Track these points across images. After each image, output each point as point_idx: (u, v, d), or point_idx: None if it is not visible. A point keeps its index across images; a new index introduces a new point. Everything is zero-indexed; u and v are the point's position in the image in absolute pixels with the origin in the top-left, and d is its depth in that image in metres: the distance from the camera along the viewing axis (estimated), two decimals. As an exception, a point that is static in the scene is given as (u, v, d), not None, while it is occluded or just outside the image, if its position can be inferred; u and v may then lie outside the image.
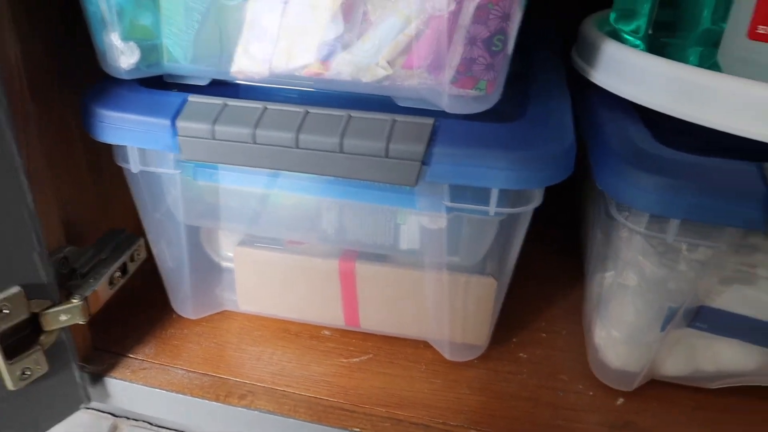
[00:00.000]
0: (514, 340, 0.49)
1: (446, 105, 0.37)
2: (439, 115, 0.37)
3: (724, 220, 0.34)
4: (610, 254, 0.41)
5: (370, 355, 0.47)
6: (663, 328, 0.41)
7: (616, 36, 0.45)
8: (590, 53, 0.44)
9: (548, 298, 0.53)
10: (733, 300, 0.40)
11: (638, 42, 0.45)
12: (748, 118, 0.35)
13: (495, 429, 0.42)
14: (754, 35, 0.38)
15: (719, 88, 0.36)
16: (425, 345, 0.48)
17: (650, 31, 0.46)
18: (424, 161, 0.36)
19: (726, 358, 0.43)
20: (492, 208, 0.37)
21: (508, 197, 0.38)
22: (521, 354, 0.48)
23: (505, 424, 0.43)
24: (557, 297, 0.53)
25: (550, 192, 0.38)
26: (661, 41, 0.47)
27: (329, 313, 0.48)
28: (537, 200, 0.39)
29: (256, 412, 0.44)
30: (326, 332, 0.50)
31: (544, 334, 0.50)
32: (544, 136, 0.36)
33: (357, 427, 0.43)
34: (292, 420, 0.43)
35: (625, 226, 0.38)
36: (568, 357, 0.47)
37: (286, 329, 0.50)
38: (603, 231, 0.42)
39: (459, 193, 0.38)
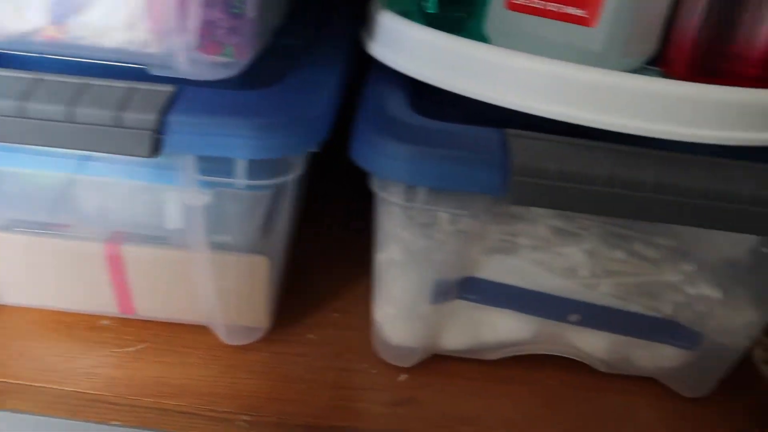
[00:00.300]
0: (305, 321, 0.47)
1: (190, 71, 0.34)
2: (190, 83, 0.34)
3: (467, 186, 0.33)
4: (378, 230, 0.39)
5: (147, 344, 0.44)
6: (433, 301, 0.40)
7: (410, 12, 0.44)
8: (371, 26, 0.43)
9: (347, 277, 0.52)
10: (497, 270, 0.39)
11: (422, 16, 0.44)
12: (503, 87, 0.34)
13: (267, 413, 0.40)
14: (512, 6, 0.38)
15: (474, 58, 0.35)
16: (206, 330, 0.45)
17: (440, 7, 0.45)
18: (159, 130, 0.32)
19: (503, 328, 0.43)
20: (240, 180, 0.35)
21: (262, 168, 0.36)
22: (310, 335, 0.46)
23: (279, 408, 0.40)
24: (356, 276, 0.52)
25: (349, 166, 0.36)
26: (455, 16, 0.46)
27: (101, 301, 0.44)
28: (296, 170, 0.37)
29: (5, 413, 0.39)
30: (105, 322, 0.46)
31: (337, 314, 0.48)
32: (294, 103, 0.34)
33: (117, 420, 0.39)
34: (44, 418, 0.39)
35: (383, 199, 0.36)
36: (358, 336, 0.46)
37: (60, 321, 0.46)
38: (375, 208, 0.41)
39: (208, 165, 0.35)
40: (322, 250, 0.55)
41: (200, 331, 0.45)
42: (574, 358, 0.45)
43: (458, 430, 0.40)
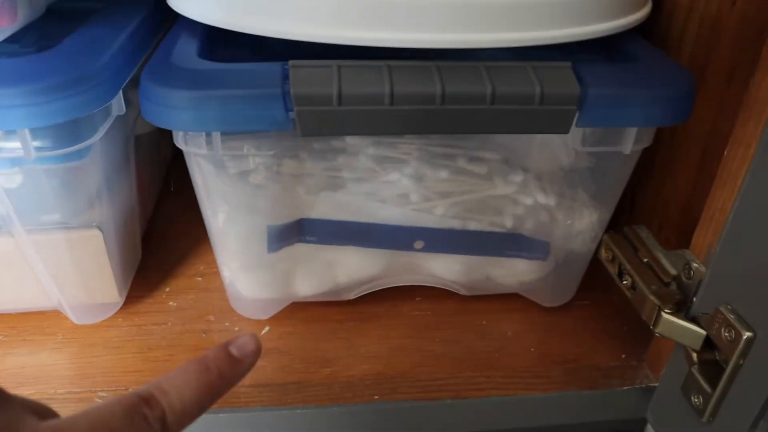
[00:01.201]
0: (167, 289, 0.46)
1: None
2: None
3: (254, 125, 0.32)
4: (196, 185, 0.38)
5: (1, 337, 0.42)
6: (271, 249, 0.39)
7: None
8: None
9: (206, 242, 0.50)
10: (329, 207, 0.38)
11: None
12: (284, 18, 0.33)
13: (125, 385, 0.39)
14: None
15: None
16: (60, 314, 0.43)
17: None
18: (-76, 110, 0.30)
19: (352, 265, 0.42)
20: (33, 152, 0.33)
21: (56, 136, 0.34)
22: (171, 302, 0.45)
23: (137, 379, 0.39)
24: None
25: None
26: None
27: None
28: (97, 133, 0.35)
29: None
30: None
31: (200, 278, 0.47)
32: (73, 62, 0.32)
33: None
34: None
35: (190, 153, 0.35)
36: (220, 297, 0.45)
37: None
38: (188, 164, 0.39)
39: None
40: (179, 213, 0.53)
41: (55, 316, 0.43)
42: (436, 285, 0.44)
43: (318, 372, 0.40)
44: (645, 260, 0.38)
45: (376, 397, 0.38)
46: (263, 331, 0.42)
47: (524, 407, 0.39)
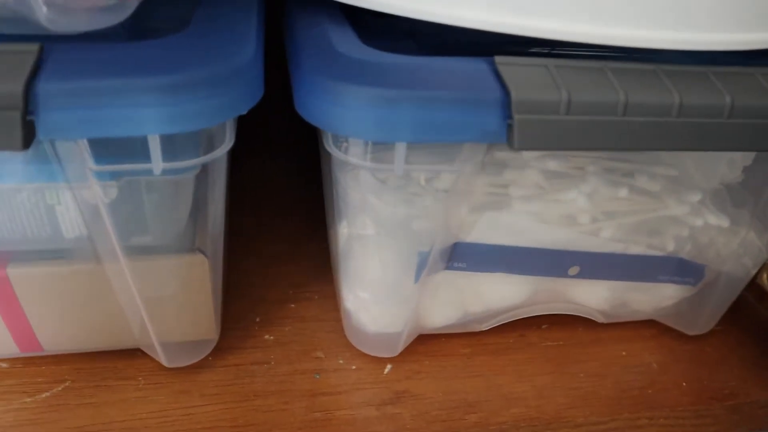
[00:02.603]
0: (257, 320, 0.38)
1: (59, 21, 0.23)
2: (61, 38, 0.23)
3: (461, 136, 0.25)
4: (339, 200, 0.30)
5: (67, 383, 0.33)
6: (417, 278, 0.32)
7: None
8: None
9: (293, 260, 0.43)
10: (489, 230, 0.32)
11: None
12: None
13: (236, 445, 0.31)
14: None
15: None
16: (142, 354, 0.34)
17: None
18: (28, 109, 0.22)
19: (493, 295, 0.35)
20: (157, 164, 0.25)
21: (181, 143, 0.26)
22: (267, 336, 0.37)
23: (250, 436, 0.31)
24: (302, 259, 0.43)
25: (278, 133, 0.26)
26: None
27: (-7, 341, 0.33)
28: (227, 141, 0.27)
29: None
30: (2, 365, 0.34)
31: (293, 305, 0.39)
32: (213, 52, 0.24)
33: (41, 495, 0.29)
34: None
35: (345, 162, 0.27)
36: (324, 327, 0.37)
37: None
38: (329, 172, 0.32)
39: (107, 149, 0.25)
40: (257, 231, 0.45)
41: (134, 356, 0.34)
42: (571, 313, 0.38)
43: (463, 420, 0.33)
44: (826, 288, 0.33)
45: (539, 448, 0.32)
46: (386, 370, 0.35)
47: (702, 455, 0.34)
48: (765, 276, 0.36)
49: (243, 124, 0.53)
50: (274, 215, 0.47)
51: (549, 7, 0.26)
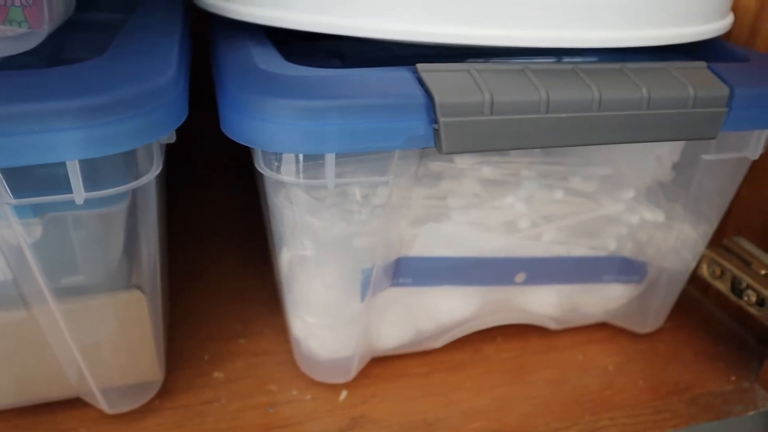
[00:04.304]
0: (205, 357, 0.36)
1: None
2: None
3: (387, 143, 0.24)
4: (276, 222, 0.29)
5: (0, 443, 0.31)
6: (363, 297, 0.31)
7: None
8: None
9: (241, 293, 0.41)
10: (429, 242, 0.31)
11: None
12: (383, 13, 0.26)
13: (187, 491, 0.29)
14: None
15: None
16: (81, 403, 0.32)
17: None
18: (-68, 141, 0.20)
19: (443, 309, 0.35)
20: (79, 193, 0.24)
21: (104, 170, 0.25)
22: (217, 374, 0.35)
23: (201, 479, 0.30)
24: (249, 292, 0.41)
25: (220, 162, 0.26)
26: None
27: None
28: (154, 168, 0.26)
29: None
30: (-71, 429, 0.32)
31: (243, 339, 0.37)
32: (129, 75, 0.23)
33: None
34: None
35: (278, 181, 0.27)
36: (275, 360, 0.36)
37: None
38: (264, 195, 0.31)
39: (24, 181, 0.24)
40: (202, 265, 0.44)
41: (74, 405, 0.32)
42: (523, 322, 0.38)
43: (423, 440, 0.32)
44: (762, 273, 0.34)
45: (502, 461, 0.31)
46: (341, 397, 0.34)
47: (664, 450, 0.33)
48: (705, 267, 0.36)
49: (183, 155, 0.52)
50: (218, 248, 0.46)
51: (465, 12, 0.26)
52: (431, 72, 0.25)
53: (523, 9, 0.26)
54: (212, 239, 0.47)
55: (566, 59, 0.33)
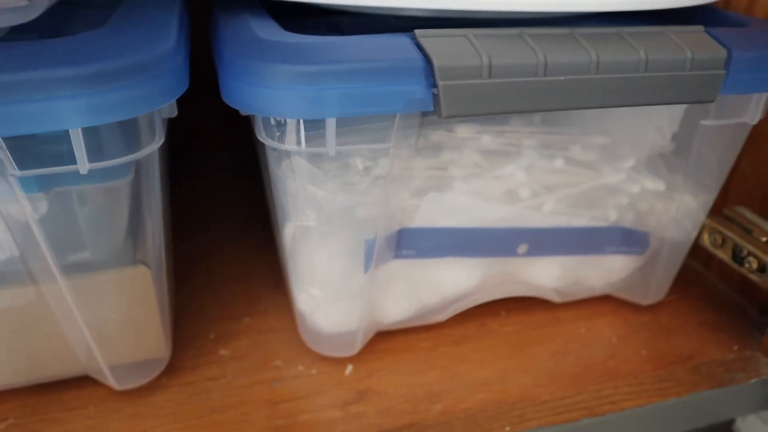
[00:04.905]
0: (211, 336, 0.36)
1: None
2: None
3: (387, 107, 0.25)
4: (278, 194, 0.30)
5: (10, 421, 0.31)
6: (367, 268, 0.31)
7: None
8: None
9: (246, 275, 0.42)
10: (431, 213, 0.31)
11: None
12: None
13: (195, 462, 0.29)
14: None
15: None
16: (90, 381, 0.33)
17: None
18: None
19: (446, 281, 0.35)
20: (83, 163, 0.24)
21: (107, 141, 0.25)
22: (222, 351, 0.35)
23: (209, 451, 0.30)
24: (254, 274, 0.42)
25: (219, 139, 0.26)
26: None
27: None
28: (157, 140, 0.26)
29: None
30: (-62, 409, 0.32)
31: (248, 318, 0.38)
32: (129, 45, 0.24)
33: None
34: None
35: (279, 151, 0.27)
36: (281, 337, 0.36)
37: None
38: (265, 167, 0.31)
39: (29, 153, 0.24)
40: (208, 248, 0.44)
41: (83, 384, 0.33)
42: (527, 294, 0.38)
43: (429, 410, 0.32)
44: (764, 240, 0.34)
45: (508, 428, 0.31)
46: (347, 371, 0.34)
47: (669, 415, 0.33)
48: (706, 237, 0.36)
49: (186, 143, 0.52)
50: (223, 233, 0.46)
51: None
52: (429, 37, 0.25)
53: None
54: (217, 225, 0.47)
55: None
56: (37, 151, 0.24)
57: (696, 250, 0.39)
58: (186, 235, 0.45)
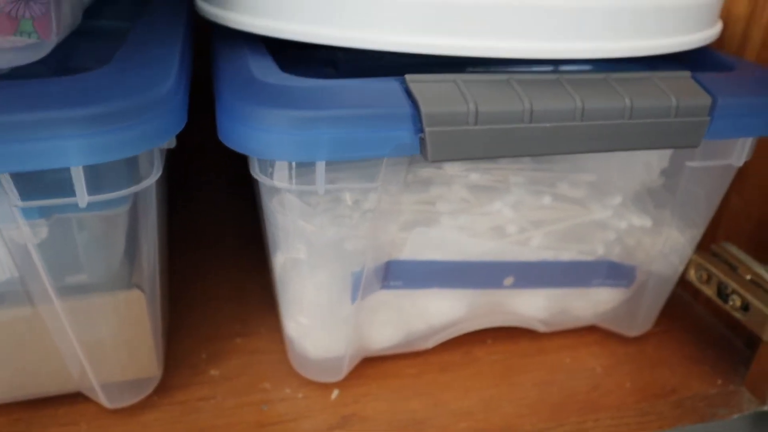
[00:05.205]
0: (203, 356, 0.37)
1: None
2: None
3: (376, 151, 0.26)
4: (270, 227, 0.31)
5: (4, 436, 0.32)
6: (354, 299, 0.32)
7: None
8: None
9: (240, 295, 0.43)
10: (420, 246, 0.32)
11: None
12: (377, 25, 0.27)
13: (183, 483, 0.30)
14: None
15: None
16: (82, 398, 0.34)
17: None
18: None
19: (434, 311, 0.36)
20: (82, 197, 0.25)
21: (107, 175, 0.26)
22: (213, 371, 0.36)
23: (197, 472, 0.31)
24: (248, 294, 0.43)
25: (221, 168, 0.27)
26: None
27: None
28: (155, 171, 0.27)
29: None
30: (-64, 422, 0.33)
31: (240, 339, 0.39)
32: (135, 84, 0.25)
33: None
34: None
35: (272, 187, 0.28)
36: (271, 359, 0.37)
37: None
38: (259, 200, 0.32)
39: (31, 184, 0.25)
40: (202, 268, 0.45)
41: (75, 400, 0.34)
42: (513, 324, 0.39)
43: (412, 438, 0.33)
44: (748, 278, 0.35)
45: (488, 458, 0.32)
46: (333, 396, 0.35)
47: (648, 451, 0.34)
48: (692, 272, 0.37)
49: (184, 161, 0.53)
50: (219, 252, 0.47)
51: (457, 24, 0.27)
52: (419, 82, 0.26)
53: (510, 21, 0.27)
54: (213, 244, 0.48)
55: (562, 67, 0.35)
56: (39, 183, 0.25)
57: (685, 281, 0.39)
58: (182, 255, 0.46)
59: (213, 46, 0.33)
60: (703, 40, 0.32)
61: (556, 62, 0.35)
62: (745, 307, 0.34)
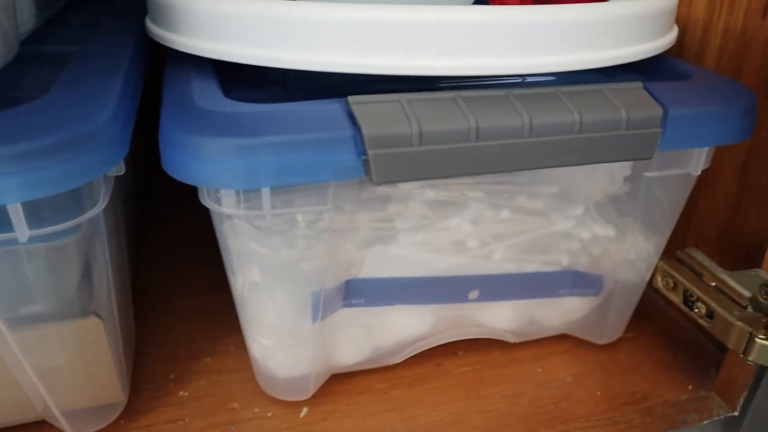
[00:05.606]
0: (171, 377, 0.37)
1: None
2: None
3: (319, 176, 0.25)
4: (225, 251, 0.30)
5: (-31, 467, 0.32)
6: (315, 319, 0.32)
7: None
8: (151, 4, 0.33)
9: (207, 313, 0.42)
10: (378, 264, 0.32)
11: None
12: (321, 47, 0.27)
13: None
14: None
15: (277, 18, 0.27)
16: (48, 426, 0.33)
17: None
18: None
19: (399, 327, 0.36)
20: (22, 232, 0.25)
21: (49, 209, 0.26)
22: (182, 392, 0.36)
23: (161, 498, 0.31)
24: (218, 312, 0.42)
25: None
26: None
27: None
28: (100, 201, 0.27)
29: None
30: None
31: (209, 358, 0.39)
32: (65, 118, 0.24)
33: None
34: None
35: (222, 214, 0.28)
36: (239, 378, 0.37)
37: None
38: (214, 225, 0.32)
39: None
40: (169, 286, 0.45)
41: (41, 427, 0.33)
42: (482, 336, 0.39)
43: (378, 456, 0.33)
44: (713, 284, 0.34)
45: (454, 475, 0.32)
46: (302, 414, 0.35)
47: (615, 462, 0.34)
48: (659, 279, 0.37)
49: (153, 182, 0.52)
50: (189, 271, 0.47)
51: (409, 45, 0.27)
52: (361, 104, 0.26)
53: (462, 38, 0.27)
54: (182, 263, 0.48)
55: (519, 79, 0.34)
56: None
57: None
58: (151, 273, 0.46)
59: (164, 68, 0.32)
60: (655, 49, 0.32)
61: (512, 77, 0.34)
62: (710, 314, 0.34)
